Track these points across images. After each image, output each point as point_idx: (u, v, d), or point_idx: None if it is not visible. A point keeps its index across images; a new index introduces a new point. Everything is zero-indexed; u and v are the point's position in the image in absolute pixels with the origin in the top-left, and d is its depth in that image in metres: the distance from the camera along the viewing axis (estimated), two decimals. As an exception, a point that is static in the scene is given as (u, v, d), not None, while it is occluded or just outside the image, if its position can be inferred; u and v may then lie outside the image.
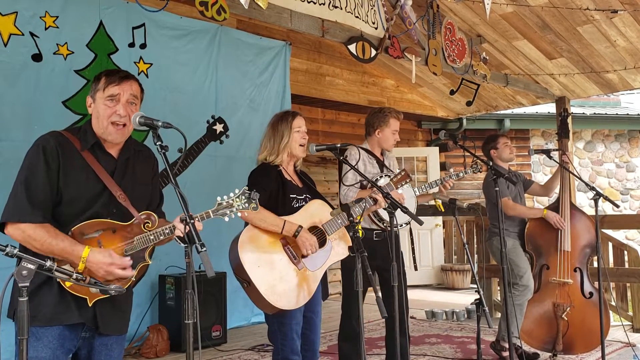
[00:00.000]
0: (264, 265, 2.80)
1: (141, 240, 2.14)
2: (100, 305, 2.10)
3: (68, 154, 2.09)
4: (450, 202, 3.27)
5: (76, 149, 2.11)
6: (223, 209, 2.22)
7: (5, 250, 1.69)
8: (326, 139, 7.62)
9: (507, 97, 7.62)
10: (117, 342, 2.23)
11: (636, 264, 5.59)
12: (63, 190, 2.06)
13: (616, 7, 4.92)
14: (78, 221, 2.06)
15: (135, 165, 2.27)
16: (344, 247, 2.97)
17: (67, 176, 2.07)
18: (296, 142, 3.00)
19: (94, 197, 2.11)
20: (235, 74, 5.84)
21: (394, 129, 3.85)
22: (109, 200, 2.13)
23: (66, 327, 2.06)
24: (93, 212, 2.09)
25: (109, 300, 2.10)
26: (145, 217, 2.17)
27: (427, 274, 8.88)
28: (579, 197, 9.51)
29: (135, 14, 4.96)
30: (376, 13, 4.80)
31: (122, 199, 2.13)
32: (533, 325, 4.51)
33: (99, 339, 2.16)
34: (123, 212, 2.14)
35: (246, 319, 5.79)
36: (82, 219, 2.07)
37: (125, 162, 2.24)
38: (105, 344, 2.18)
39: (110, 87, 2.16)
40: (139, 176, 2.27)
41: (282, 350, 2.86)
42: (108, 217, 2.12)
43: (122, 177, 2.19)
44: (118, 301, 2.17)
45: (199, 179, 5.41)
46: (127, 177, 2.21)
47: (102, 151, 2.18)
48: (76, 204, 2.08)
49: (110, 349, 2.19)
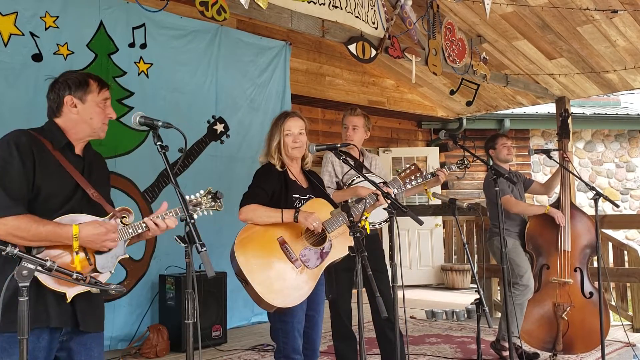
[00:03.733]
0: (261, 264, 2.81)
1: (120, 234, 2.17)
2: (79, 303, 2.10)
3: (41, 152, 2.11)
4: (450, 202, 3.26)
5: (47, 148, 2.14)
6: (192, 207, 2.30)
7: (6, 250, 1.70)
8: (326, 139, 7.63)
9: (507, 97, 7.62)
10: (96, 341, 2.23)
11: (636, 264, 5.59)
12: (40, 187, 2.08)
13: (616, 7, 4.93)
14: (54, 217, 2.08)
15: (97, 167, 2.34)
16: (343, 245, 2.96)
17: (43, 173, 2.09)
18: (288, 145, 3.00)
19: (69, 194, 2.14)
20: (236, 74, 5.85)
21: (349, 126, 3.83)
22: (82, 198, 2.17)
23: (44, 330, 2.05)
24: (68, 209, 2.12)
25: (86, 298, 2.11)
26: (122, 211, 2.22)
27: (427, 274, 8.88)
28: (579, 197, 9.51)
29: (135, 14, 4.96)
30: (376, 13, 4.80)
31: (96, 197, 2.18)
32: (533, 325, 4.51)
33: (76, 339, 2.15)
34: (97, 210, 2.18)
35: (246, 318, 5.79)
36: (57, 215, 2.09)
37: (90, 163, 2.29)
38: (84, 343, 2.17)
39: (104, 91, 2.28)
40: (101, 177, 2.33)
41: (284, 349, 2.86)
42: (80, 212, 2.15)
43: (90, 176, 2.25)
44: (93, 298, 2.18)
45: (199, 179, 5.42)
46: (93, 177, 2.26)
47: (72, 151, 2.23)
48: (52, 200, 2.10)
49: (90, 348, 2.19)
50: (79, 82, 2.23)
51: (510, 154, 4.77)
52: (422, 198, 8.79)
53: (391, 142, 9.14)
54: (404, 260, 8.53)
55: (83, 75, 2.26)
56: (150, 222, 2.20)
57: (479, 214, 5.02)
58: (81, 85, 2.22)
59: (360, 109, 3.98)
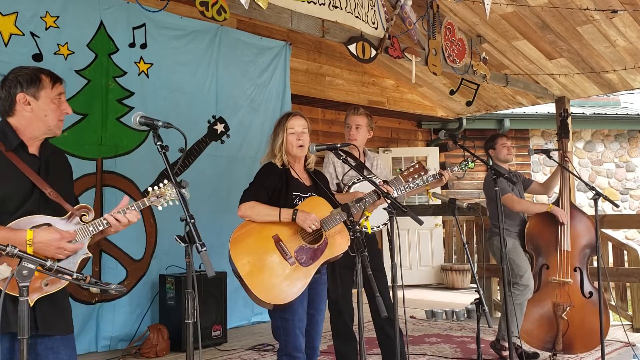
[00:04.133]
0: (255, 261, 2.82)
1: (81, 233, 2.13)
2: (40, 307, 2.06)
3: None
4: (450, 201, 3.26)
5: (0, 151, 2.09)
6: (156, 198, 2.24)
7: (6, 250, 1.70)
8: (326, 139, 7.62)
9: (507, 97, 7.62)
10: (64, 344, 2.17)
11: (636, 263, 5.59)
12: None
13: (616, 7, 4.93)
14: (11, 220, 2.04)
15: (55, 164, 2.26)
16: (340, 243, 2.96)
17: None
18: (291, 143, 3.01)
19: (25, 196, 2.10)
20: (236, 74, 5.85)
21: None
22: (39, 198, 2.12)
23: (4, 336, 2.00)
24: (25, 210, 2.08)
25: (48, 300, 2.07)
26: (82, 210, 2.17)
27: (427, 274, 8.89)
28: (579, 197, 9.51)
29: (135, 14, 4.96)
30: (376, 13, 4.81)
31: (54, 196, 2.13)
32: (533, 324, 4.52)
33: (43, 343, 2.11)
34: (55, 209, 2.14)
35: (246, 318, 5.79)
36: (14, 217, 2.05)
37: (46, 161, 2.22)
38: (51, 347, 2.12)
39: (58, 86, 2.19)
40: (60, 175, 2.27)
41: (286, 347, 2.87)
42: (38, 214, 2.10)
43: (47, 175, 2.18)
44: (58, 301, 2.13)
45: (199, 179, 5.42)
46: (51, 175, 2.20)
47: (25, 151, 2.16)
48: (8, 203, 2.06)
49: (57, 351, 2.14)
50: (31, 79, 2.14)
51: (510, 154, 4.77)
52: (422, 198, 8.80)
53: (391, 142, 9.15)
54: (404, 260, 8.54)
55: (34, 71, 2.17)
56: (111, 218, 2.15)
57: (478, 214, 5.02)
58: (33, 82, 2.13)
59: (363, 109, 3.99)
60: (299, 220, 2.84)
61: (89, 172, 4.78)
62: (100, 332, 4.77)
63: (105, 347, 4.79)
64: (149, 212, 5.12)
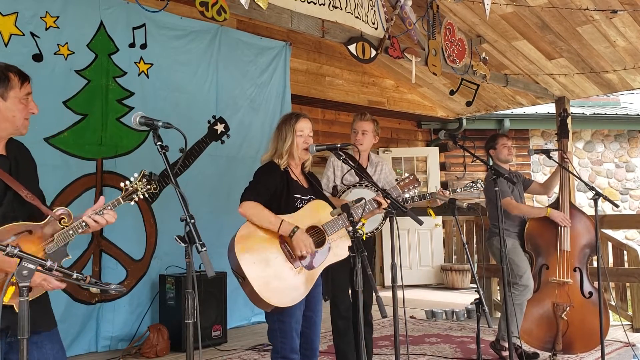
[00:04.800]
0: (260, 261, 2.81)
1: (61, 237, 2.12)
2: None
3: None
4: (450, 202, 3.27)
5: None
6: (130, 195, 2.20)
7: (6, 250, 1.69)
8: (326, 139, 7.62)
9: (507, 97, 7.63)
10: (49, 339, 2.16)
11: (636, 263, 5.59)
12: None
13: (616, 7, 4.93)
14: None
15: (24, 163, 2.21)
16: (343, 248, 2.97)
17: None
18: (299, 145, 3.01)
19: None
20: (236, 74, 5.85)
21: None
22: (13, 200, 2.08)
23: None
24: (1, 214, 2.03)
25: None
26: (61, 213, 2.14)
27: (426, 274, 8.89)
28: (579, 197, 9.51)
29: (135, 14, 4.97)
30: (376, 13, 4.81)
31: (30, 198, 2.09)
32: (533, 324, 4.52)
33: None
34: (31, 211, 2.11)
35: (246, 318, 5.79)
36: None
37: (15, 160, 2.16)
38: (35, 342, 2.09)
39: (27, 85, 2.12)
40: (30, 174, 2.22)
41: (282, 349, 2.86)
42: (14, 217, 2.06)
43: (19, 175, 2.13)
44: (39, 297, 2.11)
45: (200, 179, 5.43)
46: (22, 175, 2.14)
47: None
48: None
49: (42, 346, 2.12)
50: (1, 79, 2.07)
51: (511, 154, 4.77)
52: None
53: (391, 142, 9.15)
54: (403, 260, 8.54)
55: (2, 69, 2.09)
56: (90, 219, 2.13)
57: (478, 214, 5.03)
58: (2, 81, 2.06)
59: (369, 114, 4.04)
60: (295, 239, 2.83)
61: (89, 172, 4.79)
62: (101, 332, 4.78)
63: (106, 347, 4.79)
64: (149, 212, 5.13)
